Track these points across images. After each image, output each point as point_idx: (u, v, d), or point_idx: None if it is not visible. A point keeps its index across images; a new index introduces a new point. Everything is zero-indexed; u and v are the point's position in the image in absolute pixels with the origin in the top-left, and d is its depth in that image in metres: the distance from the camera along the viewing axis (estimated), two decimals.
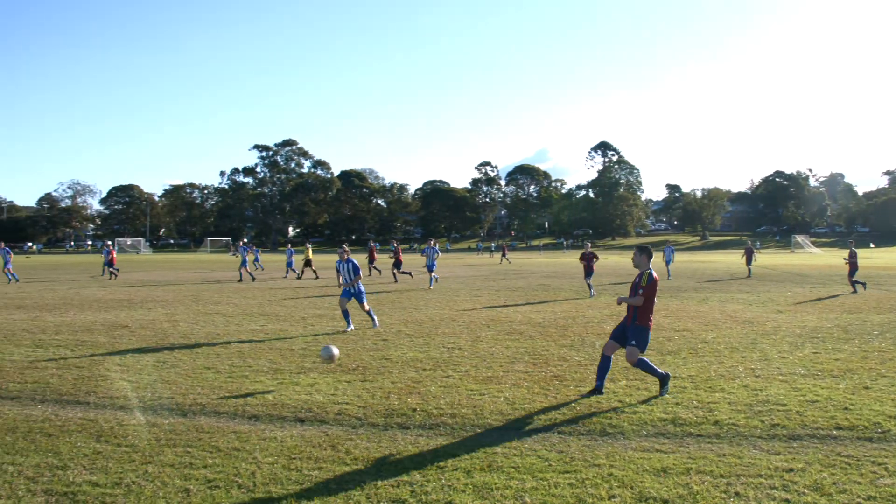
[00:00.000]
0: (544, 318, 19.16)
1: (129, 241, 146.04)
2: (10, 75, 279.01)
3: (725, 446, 7.52)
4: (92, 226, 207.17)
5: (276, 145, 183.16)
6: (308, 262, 39.93)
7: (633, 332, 9.97)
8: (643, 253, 10.29)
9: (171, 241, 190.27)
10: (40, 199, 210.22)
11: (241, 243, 45.55)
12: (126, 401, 9.75)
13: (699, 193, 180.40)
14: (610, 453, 7.28)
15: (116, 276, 40.84)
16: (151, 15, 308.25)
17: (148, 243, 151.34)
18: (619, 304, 10.30)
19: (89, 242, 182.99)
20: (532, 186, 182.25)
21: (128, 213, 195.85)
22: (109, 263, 40.78)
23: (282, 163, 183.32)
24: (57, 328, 17.57)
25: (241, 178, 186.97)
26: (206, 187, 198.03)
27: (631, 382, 10.65)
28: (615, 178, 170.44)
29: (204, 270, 52.56)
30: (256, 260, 55.39)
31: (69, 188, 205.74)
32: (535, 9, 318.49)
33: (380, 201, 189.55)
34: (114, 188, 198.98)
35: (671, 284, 32.25)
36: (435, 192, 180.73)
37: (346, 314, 17.21)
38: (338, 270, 17.82)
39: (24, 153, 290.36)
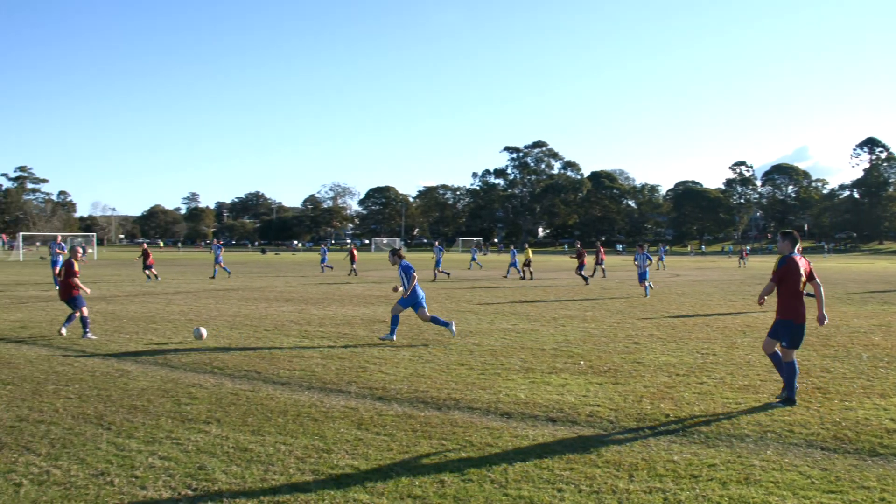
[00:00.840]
0: None
1: (384, 240, 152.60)
2: (278, 88, 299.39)
3: None
4: (351, 225, 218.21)
5: (526, 147, 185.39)
6: (527, 263, 39.94)
7: (776, 327, 9.65)
8: (786, 238, 9.85)
9: (425, 241, 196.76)
10: (305, 201, 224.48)
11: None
12: (384, 392, 10.18)
13: None
14: (881, 476, 6.73)
15: (332, 269, 42.94)
16: (409, 19, 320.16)
17: (403, 242, 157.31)
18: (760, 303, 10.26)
19: (348, 241, 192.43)
20: (790, 187, 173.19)
21: (384, 213, 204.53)
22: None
23: (532, 164, 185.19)
24: (321, 321, 18.66)
25: (492, 180, 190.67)
26: (458, 188, 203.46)
27: None
28: (884, 178, 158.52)
29: (456, 269, 53.90)
30: (473, 259, 56.15)
31: (331, 190, 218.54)
32: (793, 11, 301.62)
33: (630, 202, 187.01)
34: (371, 189, 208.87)
35: None
36: (687, 193, 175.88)
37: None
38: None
39: (292, 157, 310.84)
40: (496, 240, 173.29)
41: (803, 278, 9.60)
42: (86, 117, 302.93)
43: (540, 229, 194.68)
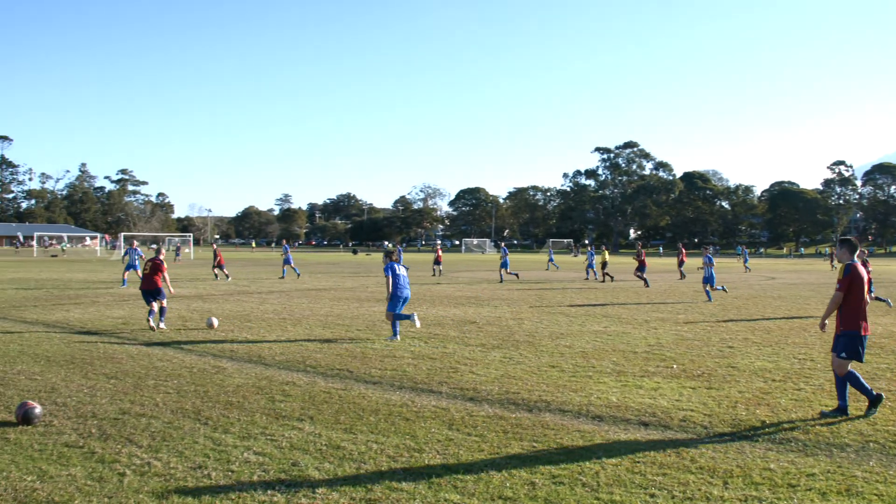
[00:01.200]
0: None
1: (475, 241, 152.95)
2: (370, 91, 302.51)
3: None
4: (441, 226, 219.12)
5: (617, 147, 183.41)
6: (603, 265, 39.32)
7: (836, 339, 9.16)
8: (843, 246, 9.46)
9: (515, 242, 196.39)
10: (396, 202, 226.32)
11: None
12: (475, 393, 10.19)
13: None
14: None
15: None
16: (503, 23, 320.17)
17: (493, 243, 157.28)
18: (822, 328, 9.66)
19: (437, 242, 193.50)
20: (893, 187, 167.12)
21: (474, 214, 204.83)
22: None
23: (623, 165, 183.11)
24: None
25: (582, 181, 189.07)
26: (548, 190, 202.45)
27: None
28: None
29: (542, 270, 53.66)
30: (550, 260, 55.66)
31: (421, 191, 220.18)
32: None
33: (724, 203, 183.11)
34: (462, 191, 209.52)
35: None
36: (783, 194, 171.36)
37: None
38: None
39: (383, 159, 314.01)
40: (587, 241, 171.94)
41: (866, 287, 9.28)
42: (184, 122, 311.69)
43: (631, 231, 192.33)
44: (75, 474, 6.55)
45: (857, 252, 9.40)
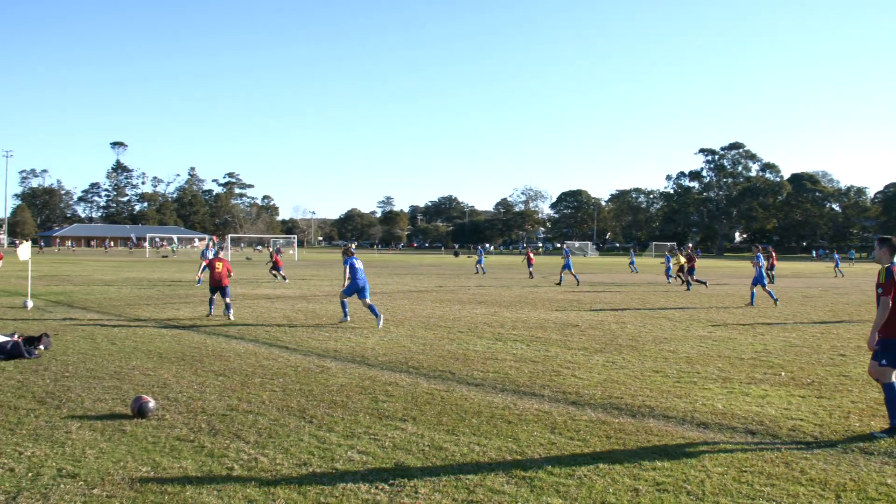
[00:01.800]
0: None
1: (577, 243, 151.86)
2: (470, 95, 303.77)
3: None
4: (543, 229, 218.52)
5: (722, 148, 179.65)
6: (680, 269, 38.35)
7: (880, 345, 8.25)
8: (884, 245, 8.46)
9: (617, 245, 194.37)
10: (497, 204, 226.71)
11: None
12: (578, 397, 10.11)
13: None
14: None
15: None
16: (601, 23, 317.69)
17: (595, 246, 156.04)
18: (872, 347, 8.39)
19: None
20: None
21: (576, 217, 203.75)
22: (529, 263, 41.50)
23: (728, 166, 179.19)
24: (513, 324, 18.76)
25: (686, 183, 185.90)
26: (651, 192, 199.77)
27: None
28: None
29: (650, 273, 52.93)
30: (632, 263, 54.36)
31: (522, 193, 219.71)
32: None
33: (834, 206, 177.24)
34: (563, 193, 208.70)
35: None
36: None
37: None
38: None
39: (484, 161, 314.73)
40: (690, 244, 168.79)
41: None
42: (290, 126, 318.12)
43: (737, 234, 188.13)
44: (186, 467, 6.76)
45: None
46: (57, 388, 10.18)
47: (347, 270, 18.48)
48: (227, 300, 19.47)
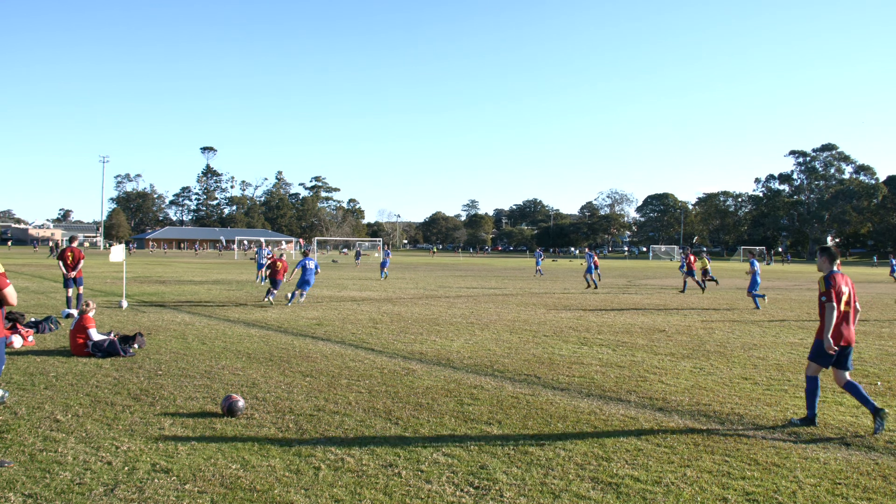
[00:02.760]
0: None
1: (663, 248, 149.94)
2: (554, 99, 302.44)
3: None
4: (628, 232, 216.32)
5: (814, 150, 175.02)
6: (704, 272, 37.34)
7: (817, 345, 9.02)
8: (823, 254, 9.22)
9: (704, 249, 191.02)
10: (582, 207, 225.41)
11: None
12: (664, 403, 9.98)
13: None
14: None
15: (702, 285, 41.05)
16: (693, 24, 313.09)
17: (681, 250, 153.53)
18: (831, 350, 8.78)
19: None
20: None
21: (662, 220, 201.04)
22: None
23: (820, 169, 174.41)
24: (599, 328, 18.60)
25: (775, 186, 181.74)
26: (739, 195, 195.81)
27: None
28: None
29: (734, 278, 51.94)
30: (682, 267, 52.85)
31: (608, 197, 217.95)
32: None
33: None
34: (649, 197, 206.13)
35: None
36: None
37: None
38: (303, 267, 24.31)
39: (569, 165, 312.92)
40: (780, 249, 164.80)
41: (846, 297, 8.98)
42: (375, 129, 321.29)
43: (829, 238, 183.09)
44: (275, 465, 6.87)
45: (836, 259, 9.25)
46: (150, 385, 10.48)
47: (298, 269, 24.44)
48: (276, 290, 24.60)
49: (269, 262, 26.07)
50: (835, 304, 8.74)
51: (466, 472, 6.82)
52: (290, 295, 24.18)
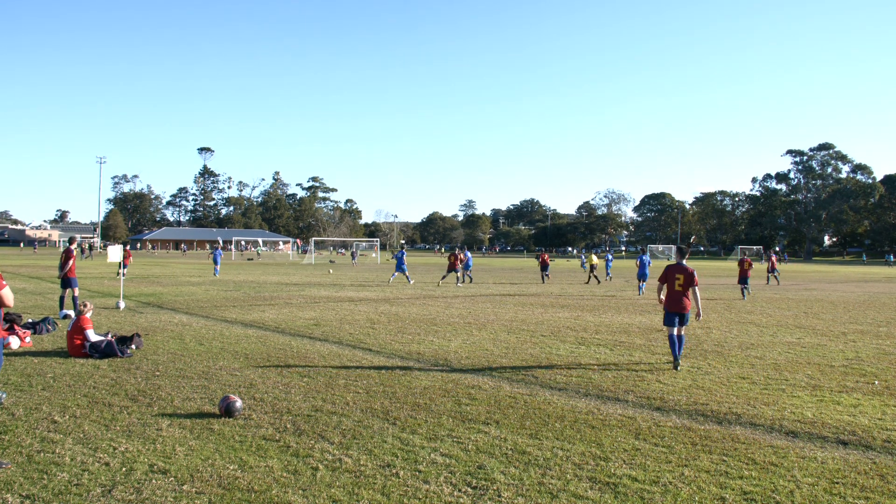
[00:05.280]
0: None
1: (660, 247, 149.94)
2: (550, 99, 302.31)
3: None
4: (626, 232, 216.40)
5: (811, 150, 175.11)
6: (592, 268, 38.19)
7: (669, 316, 13.23)
8: (677, 251, 14.11)
9: (702, 249, 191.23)
10: (579, 207, 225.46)
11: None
12: (662, 403, 9.98)
13: None
14: None
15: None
16: (696, 22, 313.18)
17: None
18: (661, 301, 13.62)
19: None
20: None
21: (659, 220, 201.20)
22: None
23: (817, 168, 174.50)
24: (596, 328, 18.62)
25: (773, 185, 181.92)
26: (736, 195, 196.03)
27: None
28: None
29: (730, 277, 51.95)
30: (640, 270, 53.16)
31: (605, 197, 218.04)
32: None
33: None
34: (646, 196, 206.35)
35: None
36: None
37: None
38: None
39: (566, 164, 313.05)
40: (777, 248, 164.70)
41: (679, 281, 13.06)
42: (372, 130, 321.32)
43: (826, 238, 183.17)
44: (272, 466, 6.87)
45: (685, 255, 13.84)
46: (148, 386, 10.47)
47: (216, 257, 39.11)
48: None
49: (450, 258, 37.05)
50: (661, 283, 13.48)
51: (464, 472, 6.82)
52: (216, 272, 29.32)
